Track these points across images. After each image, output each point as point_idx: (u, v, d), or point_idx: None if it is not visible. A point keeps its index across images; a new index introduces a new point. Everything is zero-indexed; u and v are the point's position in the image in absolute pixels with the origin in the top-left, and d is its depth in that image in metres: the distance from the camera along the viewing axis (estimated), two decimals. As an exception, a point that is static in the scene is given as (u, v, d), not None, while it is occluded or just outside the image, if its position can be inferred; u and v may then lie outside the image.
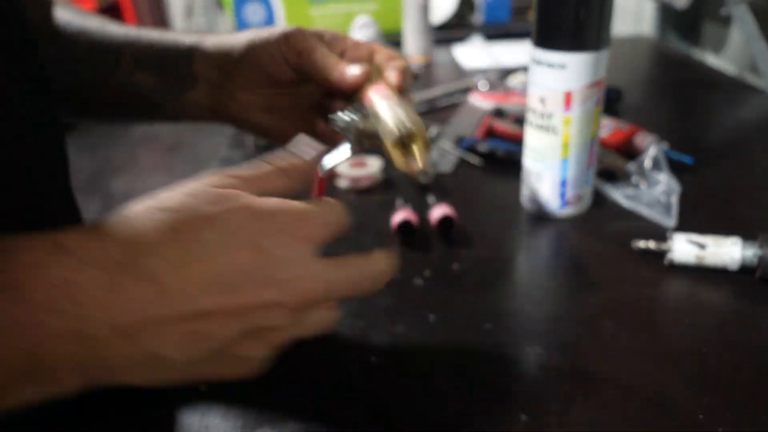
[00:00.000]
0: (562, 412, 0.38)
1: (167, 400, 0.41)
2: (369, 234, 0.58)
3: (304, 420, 0.38)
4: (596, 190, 0.62)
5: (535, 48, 0.55)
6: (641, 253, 0.53)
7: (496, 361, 0.42)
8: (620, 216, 0.59)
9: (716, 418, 0.37)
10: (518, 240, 0.58)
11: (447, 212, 0.57)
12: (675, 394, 0.39)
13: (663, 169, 0.61)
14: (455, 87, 0.99)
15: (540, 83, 0.55)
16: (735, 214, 0.59)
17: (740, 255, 0.49)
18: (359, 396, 0.40)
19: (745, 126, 0.82)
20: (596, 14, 0.52)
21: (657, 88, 1.02)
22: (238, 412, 0.39)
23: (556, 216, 0.60)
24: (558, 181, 0.58)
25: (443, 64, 1.18)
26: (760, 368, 0.41)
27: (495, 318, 0.46)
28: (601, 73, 0.55)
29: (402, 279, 0.51)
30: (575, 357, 0.42)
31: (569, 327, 0.45)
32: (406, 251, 0.55)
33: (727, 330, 0.44)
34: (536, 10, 0.54)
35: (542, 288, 0.50)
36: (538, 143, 0.58)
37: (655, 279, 0.50)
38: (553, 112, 0.55)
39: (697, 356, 0.42)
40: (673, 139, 0.71)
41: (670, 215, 0.57)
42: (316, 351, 0.44)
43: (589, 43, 0.53)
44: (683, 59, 1.13)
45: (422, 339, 0.45)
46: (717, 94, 0.95)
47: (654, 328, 0.45)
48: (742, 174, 0.68)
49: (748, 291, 0.48)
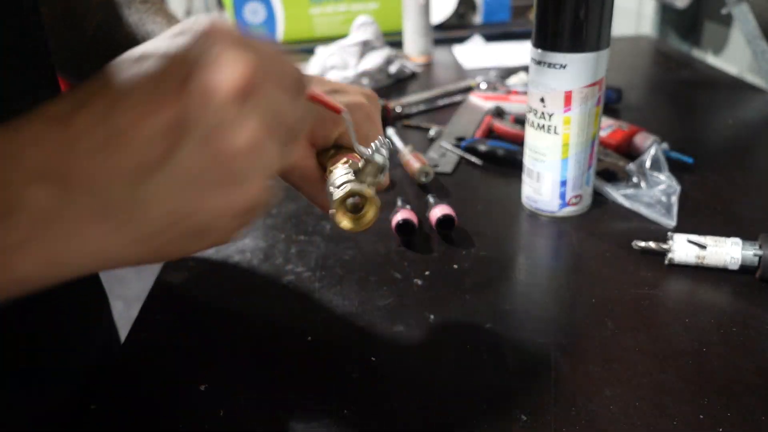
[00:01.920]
0: (562, 413, 0.38)
1: (167, 399, 0.41)
2: (369, 233, 0.58)
3: (304, 420, 0.38)
4: (596, 190, 0.62)
5: (535, 48, 0.55)
6: (641, 253, 0.53)
7: (496, 361, 0.42)
8: (620, 216, 0.59)
9: (716, 418, 0.37)
10: (518, 240, 0.58)
11: (447, 212, 0.57)
12: (675, 394, 0.39)
13: (663, 169, 0.61)
14: (455, 87, 0.99)
15: (540, 83, 0.55)
16: (735, 214, 0.59)
17: (740, 255, 0.49)
18: (359, 396, 0.40)
19: (746, 126, 0.82)
20: (596, 14, 0.52)
21: (657, 88, 1.02)
22: (238, 413, 0.39)
23: (556, 216, 0.60)
24: (558, 181, 0.58)
25: (443, 64, 1.18)
26: (760, 368, 0.41)
27: (495, 318, 0.46)
28: (602, 73, 0.55)
29: (402, 279, 0.51)
30: (575, 357, 0.42)
31: (569, 327, 0.45)
32: (406, 251, 0.55)
33: (728, 330, 0.44)
34: (536, 10, 0.54)
35: (542, 288, 0.50)
36: (539, 143, 0.58)
37: (656, 279, 0.50)
38: (553, 112, 0.55)
39: (697, 356, 0.42)
40: (673, 139, 0.71)
41: (671, 215, 0.57)
42: (316, 351, 0.44)
43: (589, 43, 0.53)
44: (684, 59, 1.13)
45: (422, 339, 0.45)
46: (717, 94, 0.95)
47: (654, 328, 0.45)
48: (742, 174, 0.68)
49: (749, 291, 0.48)
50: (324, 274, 0.52)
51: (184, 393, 0.41)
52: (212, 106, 0.25)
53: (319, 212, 0.62)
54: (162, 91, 0.25)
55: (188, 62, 0.26)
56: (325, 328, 0.46)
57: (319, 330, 0.46)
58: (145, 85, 0.25)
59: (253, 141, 0.26)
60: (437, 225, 0.57)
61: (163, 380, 0.42)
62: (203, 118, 0.25)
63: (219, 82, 0.25)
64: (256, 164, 0.27)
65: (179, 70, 0.25)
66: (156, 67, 0.26)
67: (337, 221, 0.35)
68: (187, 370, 0.43)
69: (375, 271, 0.52)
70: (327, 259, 0.54)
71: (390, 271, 0.52)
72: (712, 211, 0.59)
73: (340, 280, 0.52)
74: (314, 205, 0.42)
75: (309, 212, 0.63)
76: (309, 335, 0.45)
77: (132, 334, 0.47)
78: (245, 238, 0.58)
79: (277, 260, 0.55)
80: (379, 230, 0.59)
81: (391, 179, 0.69)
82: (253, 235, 0.59)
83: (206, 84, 0.25)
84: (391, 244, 0.56)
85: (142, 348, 0.46)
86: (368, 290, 0.50)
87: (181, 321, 0.48)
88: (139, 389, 0.42)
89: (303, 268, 0.53)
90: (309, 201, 0.42)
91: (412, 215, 0.57)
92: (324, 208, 0.40)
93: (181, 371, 0.43)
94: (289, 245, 0.57)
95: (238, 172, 0.26)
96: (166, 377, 0.43)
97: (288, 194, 0.67)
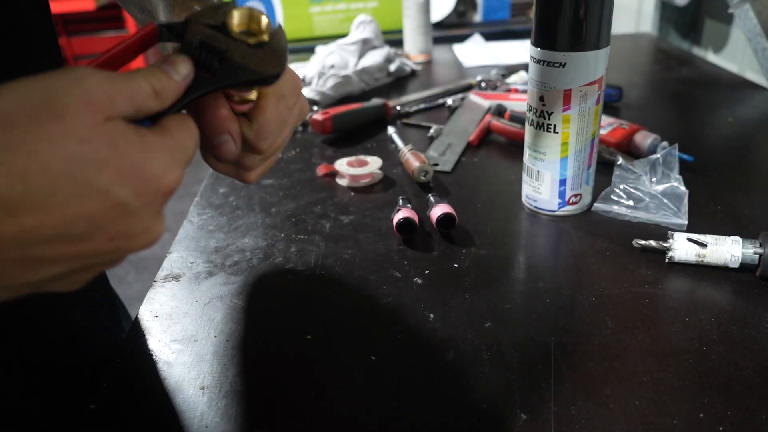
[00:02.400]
0: (562, 412, 0.38)
1: (167, 399, 0.41)
2: (369, 233, 0.58)
3: (304, 420, 0.38)
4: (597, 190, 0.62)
5: (535, 46, 0.55)
6: (641, 251, 0.53)
7: (496, 360, 0.42)
8: (620, 214, 0.59)
9: (717, 416, 0.37)
10: (518, 239, 0.58)
11: (448, 211, 0.57)
12: (675, 393, 0.39)
13: (674, 169, 0.60)
14: (455, 85, 0.99)
15: (539, 82, 0.55)
16: (735, 212, 0.59)
17: (741, 253, 0.49)
18: (359, 395, 0.40)
19: (746, 124, 0.82)
20: (596, 13, 0.52)
21: (658, 86, 1.02)
22: (238, 412, 0.39)
23: (555, 215, 0.60)
24: (557, 179, 0.58)
25: (443, 63, 1.18)
26: (760, 366, 0.40)
27: (495, 317, 0.46)
28: (601, 71, 0.54)
29: (402, 278, 0.51)
30: (575, 356, 0.42)
31: (569, 326, 0.45)
32: (406, 250, 0.55)
33: (728, 328, 0.44)
34: (536, 8, 0.54)
35: (542, 287, 0.50)
36: (538, 142, 0.58)
37: (656, 278, 0.50)
38: (552, 111, 0.55)
39: (697, 355, 0.42)
40: (673, 137, 0.71)
41: (681, 214, 0.56)
42: (316, 350, 0.44)
43: (589, 42, 0.52)
44: (684, 57, 1.13)
45: (422, 338, 0.45)
46: (718, 92, 0.95)
47: (654, 326, 0.45)
48: (742, 172, 0.67)
49: (749, 289, 0.48)
50: (324, 273, 0.52)
51: (184, 393, 0.41)
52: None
53: (318, 211, 0.62)
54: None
55: None
56: (325, 328, 0.46)
57: (319, 329, 0.46)
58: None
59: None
60: (438, 224, 0.57)
61: (163, 380, 0.42)
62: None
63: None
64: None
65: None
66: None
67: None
68: (188, 369, 0.43)
69: (375, 270, 0.52)
70: (327, 258, 0.54)
71: (390, 270, 0.52)
72: (712, 209, 0.59)
73: (340, 279, 0.52)
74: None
75: (308, 211, 0.63)
76: (309, 334, 0.45)
77: (132, 333, 0.47)
78: (245, 237, 0.58)
79: (277, 259, 0.55)
80: (379, 229, 0.59)
81: (391, 178, 0.69)
82: (252, 235, 0.59)
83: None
84: (391, 243, 0.56)
85: (142, 348, 0.46)
86: (368, 289, 0.50)
87: (181, 321, 0.48)
88: (139, 389, 0.42)
89: (303, 267, 0.53)
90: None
91: (412, 214, 0.57)
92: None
93: (181, 371, 0.43)
94: (289, 244, 0.57)
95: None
96: (166, 377, 0.43)
97: (287, 194, 0.67)
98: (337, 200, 0.65)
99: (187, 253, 0.56)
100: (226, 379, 0.42)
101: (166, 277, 0.53)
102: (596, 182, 0.61)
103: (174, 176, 0.30)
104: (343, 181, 0.68)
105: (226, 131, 0.37)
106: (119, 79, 0.29)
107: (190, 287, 0.52)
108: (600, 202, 0.60)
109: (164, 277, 0.53)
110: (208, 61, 0.34)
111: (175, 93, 0.32)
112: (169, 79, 0.32)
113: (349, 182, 0.68)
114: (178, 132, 0.31)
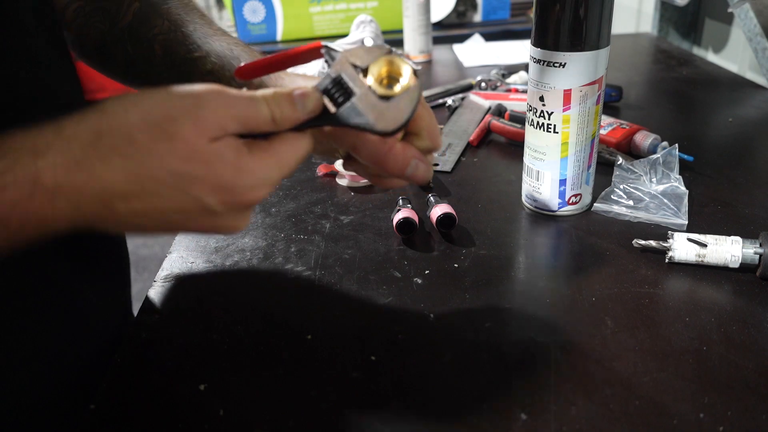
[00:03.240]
0: (562, 412, 0.38)
1: (166, 399, 0.41)
2: (369, 233, 0.58)
3: (303, 419, 0.38)
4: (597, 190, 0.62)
5: (535, 46, 0.55)
6: (641, 251, 0.53)
7: (496, 360, 0.42)
8: (620, 214, 0.59)
9: (717, 417, 0.37)
10: (518, 239, 0.58)
11: (448, 211, 0.57)
12: (675, 393, 0.39)
13: (674, 169, 0.60)
14: (455, 85, 0.99)
15: (539, 82, 0.55)
16: (735, 212, 0.59)
17: (741, 253, 0.49)
18: (359, 395, 0.40)
19: (746, 124, 0.82)
20: (596, 13, 0.52)
21: (658, 86, 1.02)
22: (238, 412, 0.39)
23: (555, 215, 0.60)
24: (557, 179, 0.58)
25: (443, 62, 1.18)
26: (760, 367, 0.40)
27: (495, 317, 0.46)
28: (601, 71, 0.54)
29: (402, 278, 0.51)
30: (575, 356, 0.42)
31: (569, 326, 0.45)
32: (406, 250, 0.55)
33: (728, 328, 0.44)
34: (536, 8, 0.54)
35: (542, 287, 0.50)
36: (538, 142, 0.58)
37: (656, 278, 0.50)
38: (552, 111, 0.55)
39: (697, 355, 0.42)
40: (673, 137, 0.71)
41: (681, 214, 0.56)
42: (315, 350, 0.44)
43: (589, 42, 0.52)
44: (684, 57, 1.13)
45: (422, 338, 0.45)
46: (718, 92, 0.95)
47: (654, 326, 0.45)
48: (742, 172, 0.67)
49: (749, 289, 0.48)
50: (324, 273, 0.52)
51: (184, 393, 0.41)
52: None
53: (318, 211, 0.62)
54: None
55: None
56: (325, 328, 0.46)
57: (319, 329, 0.46)
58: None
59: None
60: (438, 224, 0.57)
61: (163, 380, 0.42)
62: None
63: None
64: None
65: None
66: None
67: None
68: (187, 369, 0.43)
69: (375, 270, 0.52)
70: (327, 258, 0.54)
71: (390, 270, 0.52)
72: (712, 209, 0.59)
73: (340, 279, 0.52)
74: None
75: (308, 211, 0.63)
76: (309, 334, 0.45)
77: (132, 333, 0.47)
78: (244, 237, 0.58)
79: (276, 259, 0.55)
80: (379, 229, 0.59)
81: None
82: (252, 235, 0.59)
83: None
84: (391, 243, 0.56)
85: (142, 347, 0.46)
86: (368, 289, 0.50)
87: (181, 320, 0.48)
88: (139, 389, 0.42)
89: (303, 267, 0.53)
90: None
91: (412, 214, 0.57)
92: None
93: (181, 371, 0.43)
94: (289, 244, 0.57)
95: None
96: (166, 377, 0.43)
97: (287, 194, 0.67)
98: (337, 200, 0.65)
99: (187, 253, 0.56)
100: (226, 379, 0.42)
101: (166, 277, 0.53)
102: (596, 182, 0.61)
103: (257, 194, 0.35)
104: (343, 181, 0.68)
105: (410, 158, 0.40)
106: (241, 104, 0.34)
107: (190, 287, 0.52)
108: (600, 202, 0.60)
109: (164, 277, 0.53)
110: (335, 97, 0.36)
111: (292, 124, 0.35)
112: (293, 111, 0.35)
113: (349, 182, 0.68)
114: (284, 150, 0.35)
